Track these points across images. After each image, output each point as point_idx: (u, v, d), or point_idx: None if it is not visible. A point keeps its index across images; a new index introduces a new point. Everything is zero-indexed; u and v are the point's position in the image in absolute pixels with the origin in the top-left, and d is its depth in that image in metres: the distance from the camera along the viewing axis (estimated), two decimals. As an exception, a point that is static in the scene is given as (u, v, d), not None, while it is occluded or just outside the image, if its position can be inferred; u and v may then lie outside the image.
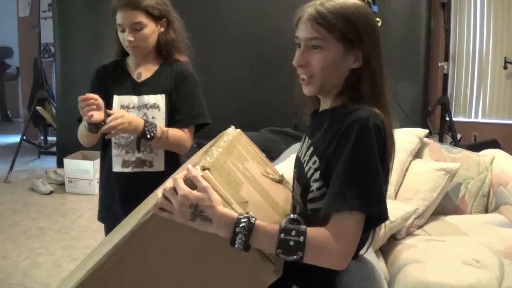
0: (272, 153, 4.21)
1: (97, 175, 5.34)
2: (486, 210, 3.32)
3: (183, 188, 1.32)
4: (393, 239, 2.88)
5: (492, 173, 3.34)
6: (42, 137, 6.79)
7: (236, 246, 1.31)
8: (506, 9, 5.43)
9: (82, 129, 2.29)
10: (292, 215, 1.40)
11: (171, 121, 2.41)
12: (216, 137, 1.83)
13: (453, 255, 2.59)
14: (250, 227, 1.31)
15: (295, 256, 1.31)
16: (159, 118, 2.37)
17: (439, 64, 5.51)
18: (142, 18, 2.30)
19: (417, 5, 5.24)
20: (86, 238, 4.29)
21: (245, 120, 5.41)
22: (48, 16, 6.64)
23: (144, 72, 2.43)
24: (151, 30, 2.35)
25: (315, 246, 1.32)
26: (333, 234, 1.32)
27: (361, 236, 1.37)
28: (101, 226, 2.56)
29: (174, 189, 1.33)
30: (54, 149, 6.56)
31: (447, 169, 3.11)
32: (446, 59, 5.46)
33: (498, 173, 3.31)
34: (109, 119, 2.16)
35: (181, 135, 2.38)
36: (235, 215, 1.33)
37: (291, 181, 1.71)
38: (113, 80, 2.43)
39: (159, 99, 2.38)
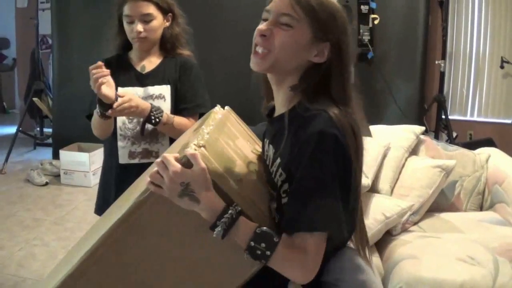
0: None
1: (93, 167, 5.38)
2: (480, 208, 3.34)
3: (174, 165, 1.32)
4: (389, 235, 2.90)
5: (488, 171, 3.36)
6: (38, 129, 6.78)
7: (214, 234, 1.33)
8: (504, 9, 5.45)
9: (95, 119, 2.31)
10: (270, 231, 1.35)
11: (175, 110, 2.43)
12: (203, 117, 1.84)
13: (448, 251, 2.60)
14: (231, 223, 1.33)
15: (258, 262, 1.35)
16: (165, 108, 2.38)
17: (436, 62, 5.53)
18: (152, 10, 2.33)
19: (416, 3, 5.26)
20: (81, 229, 4.28)
21: (243, 114, 5.40)
22: (46, 8, 6.62)
23: (148, 64, 2.45)
24: (159, 22, 2.38)
25: (280, 260, 1.34)
26: (298, 252, 1.34)
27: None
28: (96, 217, 2.56)
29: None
30: (49, 140, 6.55)
31: (443, 166, 3.13)
32: (443, 57, 5.47)
33: (493, 172, 3.32)
34: (119, 100, 2.18)
35: (186, 122, 2.39)
36: (221, 205, 1.34)
37: None
38: (117, 73, 2.41)
39: (165, 90, 2.41)
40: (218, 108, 1.75)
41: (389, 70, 5.31)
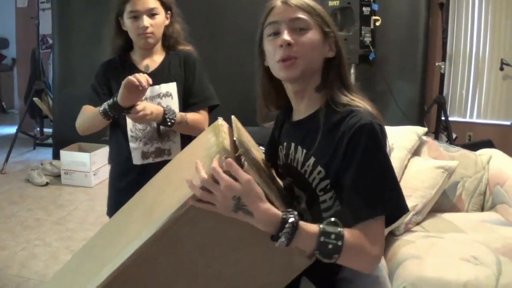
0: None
1: (94, 167, 5.38)
2: (482, 209, 3.35)
3: (226, 179, 1.26)
4: (392, 235, 2.91)
5: (489, 173, 3.37)
6: (38, 129, 6.78)
7: (277, 245, 1.30)
8: (504, 11, 5.46)
9: (94, 116, 2.31)
10: (332, 218, 1.36)
11: (184, 106, 2.45)
12: (208, 129, 1.78)
13: (451, 251, 2.62)
14: (294, 230, 1.29)
15: (331, 259, 1.32)
16: (173, 106, 2.39)
17: (436, 64, 5.54)
18: (157, 5, 2.35)
19: (417, 5, 5.27)
20: (83, 230, 4.30)
21: (245, 114, 5.42)
22: (47, 8, 6.63)
23: (151, 63, 2.45)
24: (163, 18, 2.40)
25: (351, 249, 1.32)
26: (366, 238, 1.33)
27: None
28: (98, 219, 2.56)
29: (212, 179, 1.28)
30: (49, 140, 6.55)
31: (445, 166, 3.14)
32: (444, 59, 5.48)
33: (495, 173, 3.34)
34: (136, 108, 2.19)
35: (199, 117, 2.42)
36: (280, 214, 1.30)
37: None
38: (121, 74, 2.39)
39: (171, 87, 2.42)
40: (220, 120, 1.73)
41: (390, 71, 5.33)
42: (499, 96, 5.68)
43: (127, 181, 2.47)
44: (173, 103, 2.40)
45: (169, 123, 2.29)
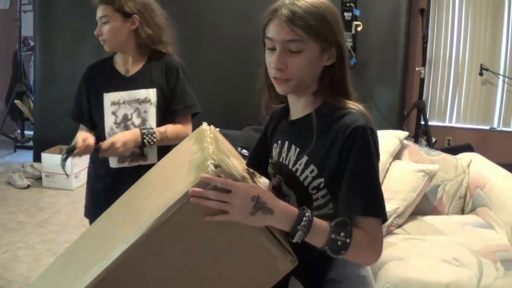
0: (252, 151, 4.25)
1: (75, 170, 5.36)
2: (462, 212, 3.41)
3: (241, 184, 1.29)
4: (374, 238, 2.94)
5: (470, 176, 3.43)
6: (19, 131, 6.73)
7: (294, 240, 1.33)
8: (484, 17, 5.54)
9: None
10: (341, 217, 1.40)
11: (164, 113, 2.45)
12: (193, 134, 1.79)
13: (433, 253, 2.67)
14: (310, 224, 1.33)
15: (339, 255, 1.37)
16: (151, 112, 2.40)
17: (417, 69, 5.60)
18: (108, 12, 2.34)
19: (397, 11, 5.31)
20: (65, 232, 4.29)
21: (228, 118, 5.45)
22: (28, 10, 6.58)
23: (132, 67, 2.46)
24: (117, 25, 2.37)
25: (357, 246, 1.37)
26: (370, 236, 1.39)
27: None
28: (80, 221, 2.57)
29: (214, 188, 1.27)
30: (30, 143, 6.51)
31: (426, 170, 3.19)
32: (424, 64, 5.55)
33: (475, 176, 3.40)
34: (103, 146, 2.28)
35: (179, 129, 2.43)
36: (296, 210, 1.34)
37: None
38: (102, 78, 2.47)
39: (150, 93, 2.41)
40: (205, 125, 1.73)
41: (371, 76, 5.37)
42: (478, 100, 5.75)
43: (103, 182, 2.51)
44: (151, 109, 2.41)
45: (148, 144, 2.35)
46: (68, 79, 5.49)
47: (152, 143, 2.34)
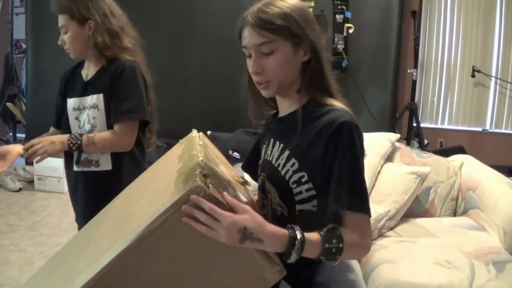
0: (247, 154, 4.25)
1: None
2: (454, 214, 3.41)
3: (227, 215, 1.26)
4: (366, 240, 2.94)
5: (462, 178, 3.43)
6: (11, 134, 6.69)
7: (289, 261, 1.34)
8: (476, 19, 5.56)
9: None
10: (331, 225, 1.39)
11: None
12: (182, 141, 1.79)
13: (425, 256, 2.66)
14: (303, 246, 1.33)
15: (335, 261, 1.38)
16: (99, 118, 2.37)
17: (408, 71, 5.61)
18: (65, 21, 2.34)
19: (389, 13, 5.32)
20: (57, 235, 4.28)
21: (219, 121, 5.44)
22: (20, 12, 6.56)
23: (90, 73, 2.44)
24: (74, 32, 2.35)
25: (349, 247, 1.38)
26: (359, 233, 1.41)
27: None
28: (71, 224, 2.58)
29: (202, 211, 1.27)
30: (22, 146, 6.47)
31: (418, 172, 3.19)
32: (415, 66, 5.55)
33: (467, 178, 3.40)
34: (25, 155, 2.31)
35: (108, 137, 2.34)
36: (286, 233, 1.32)
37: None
38: (69, 83, 2.49)
39: (99, 99, 2.36)
40: (195, 132, 1.74)
41: (362, 78, 5.38)
42: (470, 102, 5.77)
43: (69, 185, 2.55)
44: (99, 115, 2.36)
45: (73, 148, 2.30)
46: (59, 82, 5.48)
47: (76, 145, 2.29)
